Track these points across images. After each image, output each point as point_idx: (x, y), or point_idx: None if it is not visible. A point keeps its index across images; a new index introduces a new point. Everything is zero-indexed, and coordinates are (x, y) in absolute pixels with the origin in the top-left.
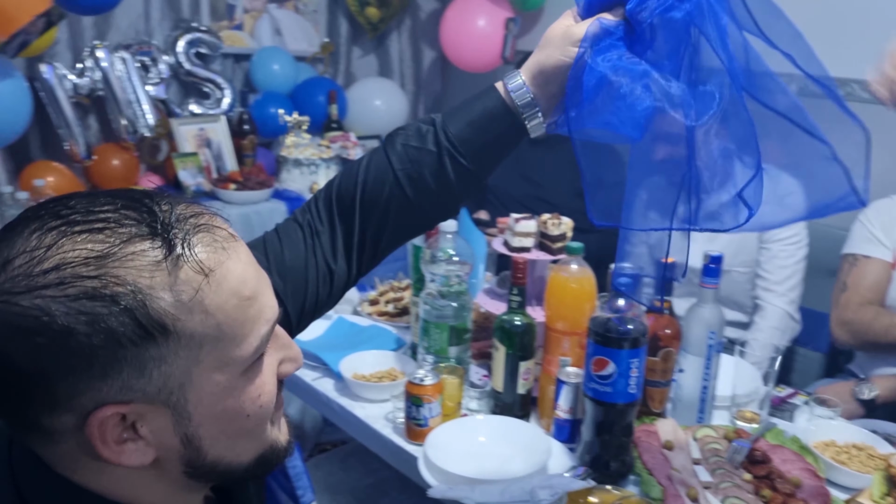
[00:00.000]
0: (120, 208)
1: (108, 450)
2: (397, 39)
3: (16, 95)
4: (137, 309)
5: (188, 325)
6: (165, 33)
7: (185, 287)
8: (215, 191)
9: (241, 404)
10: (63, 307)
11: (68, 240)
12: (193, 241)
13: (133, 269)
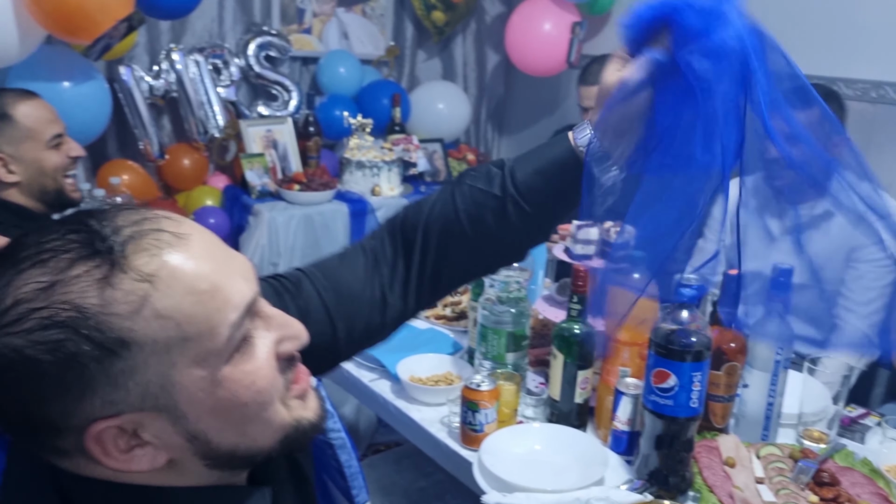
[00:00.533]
0: (65, 234)
1: (114, 461)
2: (462, 43)
3: (97, 97)
4: (90, 329)
5: (147, 334)
6: (237, 37)
7: (132, 297)
8: (280, 191)
9: (234, 393)
10: (23, 341)
11: (19, 276)
12: (129, 250)
13: (77, 292)
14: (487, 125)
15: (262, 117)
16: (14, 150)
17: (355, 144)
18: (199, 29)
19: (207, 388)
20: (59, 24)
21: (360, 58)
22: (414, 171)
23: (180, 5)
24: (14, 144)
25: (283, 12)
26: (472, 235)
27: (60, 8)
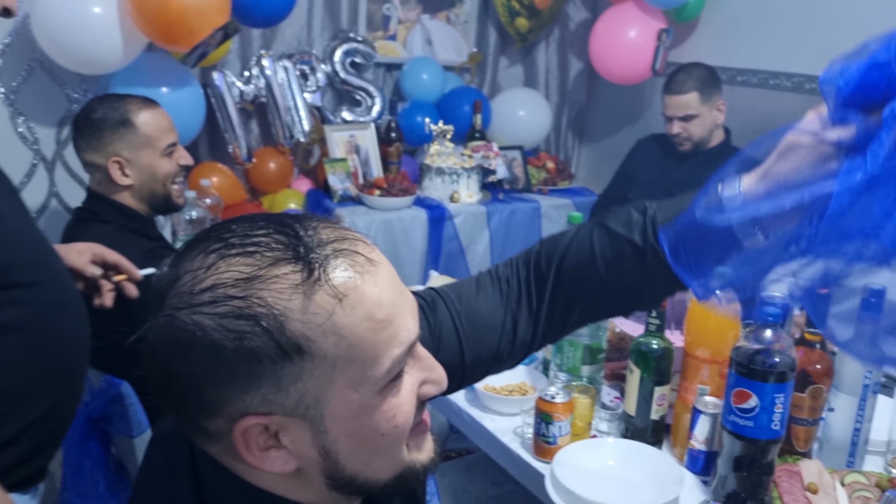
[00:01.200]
0: (272, 233)
1: (251, 456)
2: (545, 50)
3: (193, 102)
4: (276, 329)
5: (321, 347)
6: (325, 43)
7: (320, 310)
8: (361, 196)
9: (376, 423)
10: (213, 323)
11: (224, 262)
12: (330, 265)
13: (274, 292)
14: (568, 133)
15: (345, 122)
16: (131, 155)
17: (436, 151)
18: (288, 36)
19: (354, 410)
20: (160, 32)
21: (443, 64)
22: (493, 179)
23: (273, 14)
24: (132, 150)
25: (369, 19)
26: (606, 279)
27: (162, 17)
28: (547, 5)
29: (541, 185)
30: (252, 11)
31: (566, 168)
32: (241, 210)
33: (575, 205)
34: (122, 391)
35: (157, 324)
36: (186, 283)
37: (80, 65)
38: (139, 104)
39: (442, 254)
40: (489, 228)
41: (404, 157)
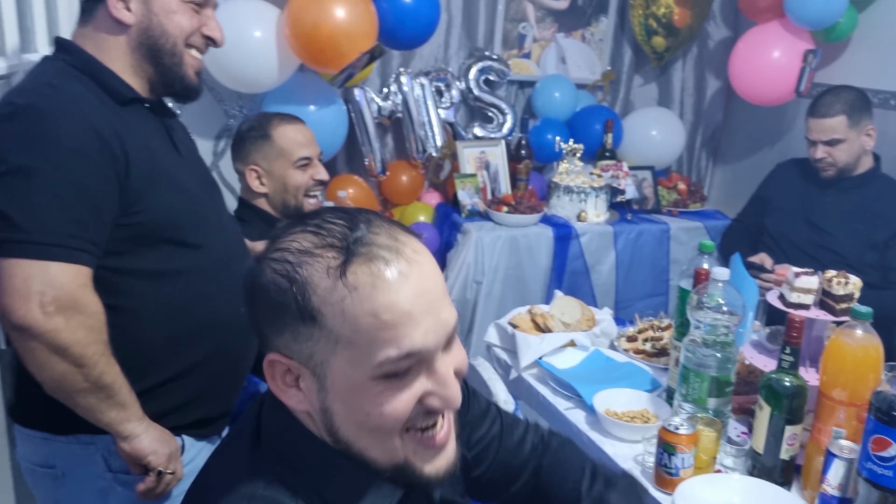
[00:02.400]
0: (342, 224)
1: (275, 386)
2: (681, 68)
3: (337, 120)
4: (301, 295)
5: (329, 322)
6: (461, 61)
7: (336, 294)
8: (489, 211)
9: (363, 401)
10: (269, 274)
11: (300, 234)
12: (360, 262)
13: (312, 267)
14: (701, 153)
15: (476, 138)
16: (267, 165)
17: (564, 169)
18: (426, 54)
19: (348, 384)
20: (312, 55)
21: (576, 82)
22: (622, 199)
23: (416, 37)
24: (268, 160)
25: (505, 38)
26: None
27: (314, 41)
28: (686, 24)
29: (671, 207)
30: (397, 35)
31: (698, 190)
32: None
33: (706, 228)
34: (259, 389)
35: (254, 260)
36: (277, 241)
37: (238, 83)
38: (280, 120)
39: (566, 272)
40: (615, 249)
41: (533, 174)
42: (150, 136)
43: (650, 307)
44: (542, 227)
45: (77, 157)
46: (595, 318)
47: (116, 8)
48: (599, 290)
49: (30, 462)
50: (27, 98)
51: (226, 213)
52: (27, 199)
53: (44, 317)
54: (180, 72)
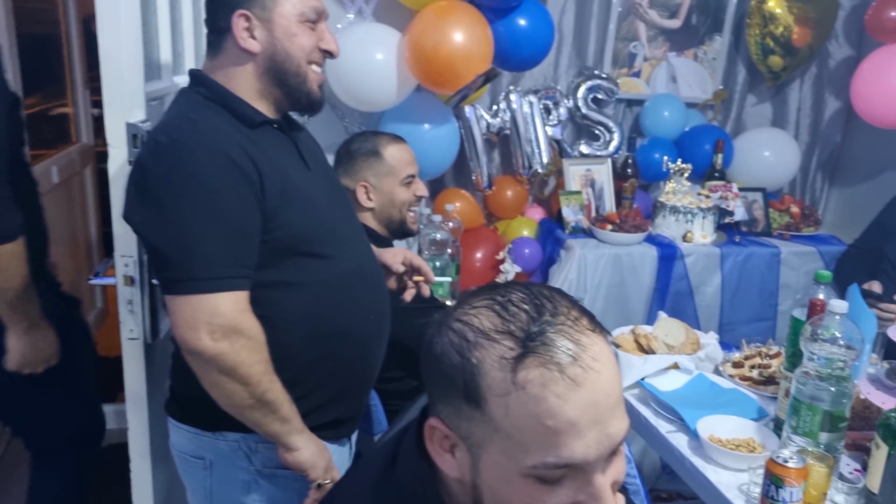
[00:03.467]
0: (526, 310)
1: (432, 447)
2: (798, 87)
3: (450, 138)
4: (471, 377)
5: (493, 411)
6: (569, 80)
7: (504, 387)
8: (592, 229)
9: (510, 493)
10: (447, 343)
11: (486, 310)
12: (533, 362)
13: (488, 353)
14: (817, 175)
15: (582, 156)
16: (376, 182)
17: (671, 189)
18: (535, 73)
19: (498, 472)
20: (430, 77)
21: (686, 101)
22: (730, 220)
23: (529, 60)
24: (378, 177)
25: (615, 57)
26: None
27: (432, 64)
28: (805, 43)
29: (782, 230)
30: (511, 58)
31: (812, 213)
32: (480, 234)
33: (820, 253)
34: None
35: (436, 321)
36: (462, 308)
37: (359, 102)
38: (388, 139)
39: (669, 292)
40: (722, 271)
41: (638, 193)
42: (280, 155)
43: (756, 332)
44: (646, 247)
45: (220, 190)
46: (700, 341)
47: (243, 38)
48: (703, 312)
49: (182, 452)
50: (169, 135)
51: (356, 222)
52: (183, 239)
53: (212, 343)
54: (305, 88)
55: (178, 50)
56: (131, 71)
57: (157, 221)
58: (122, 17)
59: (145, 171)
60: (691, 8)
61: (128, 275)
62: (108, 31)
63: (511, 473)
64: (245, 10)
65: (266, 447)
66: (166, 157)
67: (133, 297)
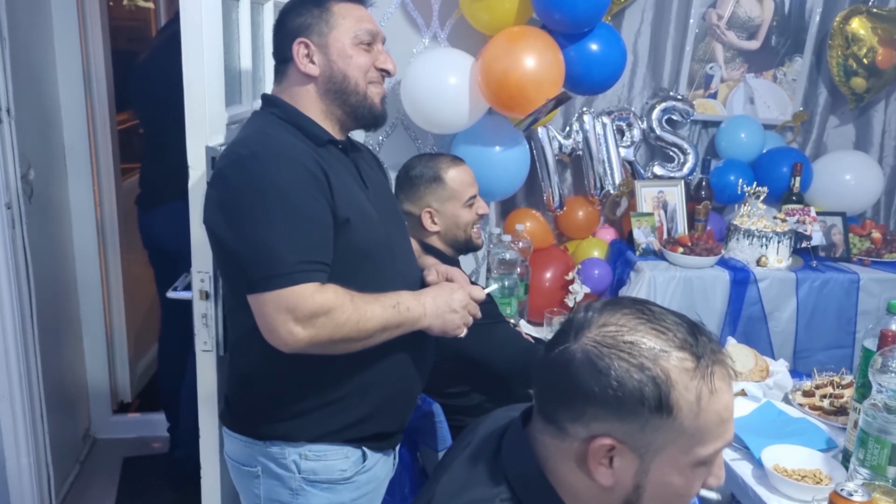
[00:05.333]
0: (681, 325)
1: (593, 463)
2: (883, 110)
3: (521, 160)
4: (665, 391)
5: (684, 417)
6: (644, 101)
7: (695, 393)
8: (663, 251)
9: (679, 485)
10: (626, 366)
11: (644, 330)
12: (714, 368)
13: (671, 365)
14: None
15: (656, 177)
16: (440, 206)
17: (746, 212)
18: (609, 94)
19: (673, 469)
20: (501, 100)
21: (764, 122)
22: (807, 244)
23: (601, 84)
24: (441, 202)
25: (690, 78)
26: None
27: (504, 88)
28: (890, 65)
29: (862, 256)
30: (583, 82)
31: (895, 239)
32: (549, 254)
33: None
34: (433, 409)
35: (580, 346)
36: (611, 330)
37: (432, 125)
38: (448, 162)
39: (742, 318)
40: (797, 297)
41: (712, 215)
42: (344, 173)
43: (833, 359)
44: (718, 270)
45: (297, 192)
46: (769, 368)
47: (303, 63)
48: (777, 338)
49: (235, 460)
50: (249, 147)
51: (407, 242)
52: (263, 239)
53: (302, 330)
54: (367, 104)
55: (259, 76)
56: (212, 97)
57: (238, 225)
58: (206, 46)
59: (226, 179)
60: (771, 29)
61: (203, 289)
62: (191, 60)
63: (683, 466)
64: (304, 38)
65: (315, 454)
66: (247, 167)
67: (207, 310)
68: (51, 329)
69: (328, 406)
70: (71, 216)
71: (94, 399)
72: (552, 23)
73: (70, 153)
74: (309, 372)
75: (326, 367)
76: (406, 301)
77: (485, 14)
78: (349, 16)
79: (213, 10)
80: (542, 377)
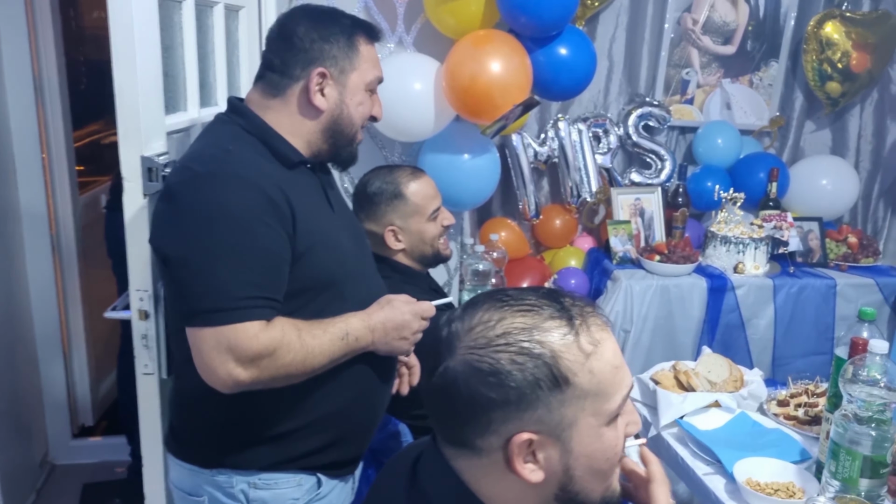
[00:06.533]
0: (540, 298)
1: (519, 464)
2: (858, 114)
3: (491, 168)
4: (553, 365)
5: (581, 381)
6: (620, 107)
7: (581, 353)
8: (640, 259)
9: (604, 448)
10: (508, 359)
11: (509, 316)
12: (589, 321)
13: (550, 337)
14: (879, 204)
15: (633, 184)
16: (403, 223)
17: (723, 218)
18: (585, 100)
19: (592, 436)
20: (468, 107)
21: (741, 128)
22: (784, 250)
23: (570, 90)
24: (404, 218)
25: (667, 84)
26: None
27: (470, 94)
28: (865, 69)
29: (839, 261)
30: (551, 87)
31: (871, 244)
32: (525, 264)
33: (879, 285)
34: (399, 429)
35: (458, 360)
36: (479, 330)
37: (398, 133)
38: (408, 176)
39: (720, 326)
40: (775, 303)
41: (690, 222)
42: (311, 195)
43: (812, 366)
44: (695, 278)
45: (251, 221)
46: (744, 378)
47: (315, 95)
48: (755, 346)
49: (180, 489)
50: (205, 165)
51: (372, 266)
52: (210, 270)
53: (243, 371)
54: (351, 149)
55: (208, 81)
56: (148, 104)
57: (184, 250)
58: (139, 50)
59: (178, 198)
60: (746, 34)
61: (142, 309)
62: (122, 65)
63: (599, 429)
64: (325, 69)
65: (265, 483)
66: (200, 187)
67: (147, 331)
68: (1, 348)
69: (281, 437)
70: (23, 229)
71: (51, 423)
72: (519, 26)
73: (21, 164)
74: (260, 401)
75: (280, 397)
76: (355, 330)
77: (450, 18)
78: (370, 59)
79: (147, 12)
80: (434, 405)
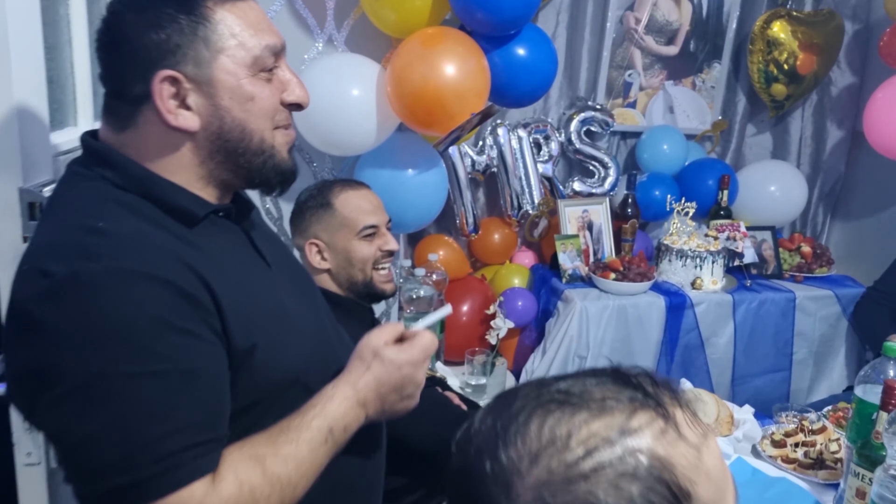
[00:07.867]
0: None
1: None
2: (799, 117)
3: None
4: (669, 479)
5: (701, 491)
6: (561, 112)
7: (692, 451)
8: (593, 277)
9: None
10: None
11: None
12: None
13: (648, 440)
14: (818, 209)
15: (576, 194)
16: (329, 238)
17: (676, 230)
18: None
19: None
20: (417, 116)
21: (684, 132)
22: (739, 263)
23: (529, 94)
24: (329, 232)
25: (609, 87)
26: None
27: (420, 101)
28: (811, 70)
29: (794, 272)
30: (509, 93)
31: (825, 253)
32: (466, 285)
33: (837, 297)
34: None
35: None
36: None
37: (330, 146)
38: (343, 186)
39: (679, 346)
40: (734, 320)
41: (637, 234)
42: (234, 256)
43: (771, 384)
44: (652, 296)
45: (161, 334)
46: (734, 416)
47: (172, 114)
48: (715, 366)
49: None
50: (68, 262)
51: (328, 317)
52: (114, 423)
53: None
54: (273, 164)
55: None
56: (29, 121)
57: (66, 407)
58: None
59: (38, 325)
60: (689, 34)
61: None
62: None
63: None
64: (171, 71)
65: None
66: (67, 302)
67: None
68: None
69: None
70: None
71: None
72: (473, 23)
73: None
74: None
75: None
76: (341, 418)
77: (391, 13)
78: (241, 24)
79: (25, 2)
80: None
